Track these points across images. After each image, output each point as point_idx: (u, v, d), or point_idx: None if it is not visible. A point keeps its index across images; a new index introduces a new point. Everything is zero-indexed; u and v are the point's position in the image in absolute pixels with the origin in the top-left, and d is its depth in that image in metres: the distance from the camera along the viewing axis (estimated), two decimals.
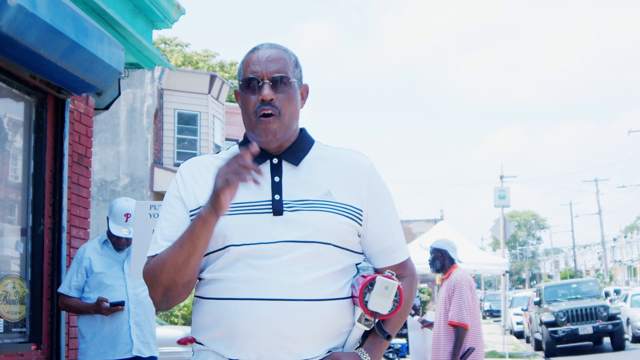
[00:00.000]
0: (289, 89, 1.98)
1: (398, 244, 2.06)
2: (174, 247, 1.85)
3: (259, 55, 2.00)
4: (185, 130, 20.03)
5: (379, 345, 1.95)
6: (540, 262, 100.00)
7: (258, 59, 1.99)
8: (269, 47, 2.02)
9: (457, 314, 5.72)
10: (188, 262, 1.84)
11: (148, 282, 1.94)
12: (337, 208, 1.94)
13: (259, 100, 1.95)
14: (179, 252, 1.84)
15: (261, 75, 1.96)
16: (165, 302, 1.92)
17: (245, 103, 1.99)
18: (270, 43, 2.05)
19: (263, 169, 1.97)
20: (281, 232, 1.89)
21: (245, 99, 1.99)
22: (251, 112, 1.97)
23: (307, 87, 2.11)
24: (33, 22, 4.21)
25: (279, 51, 2.02)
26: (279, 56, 2.00)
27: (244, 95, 1.99)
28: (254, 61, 1.99)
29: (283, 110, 1.96)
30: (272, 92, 1.95)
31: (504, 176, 27.80)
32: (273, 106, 1.95)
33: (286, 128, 1.97)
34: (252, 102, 1.96)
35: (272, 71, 1.96)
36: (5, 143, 5.18)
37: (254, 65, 1.98)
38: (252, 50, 2.03)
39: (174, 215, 1.98)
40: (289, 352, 1.85)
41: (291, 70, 2.00)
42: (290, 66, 2.00)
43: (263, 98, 1.94)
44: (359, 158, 2.06)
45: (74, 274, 4.86)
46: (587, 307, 17.28)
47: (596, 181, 58.38)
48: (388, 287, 1.85)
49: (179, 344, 11.03)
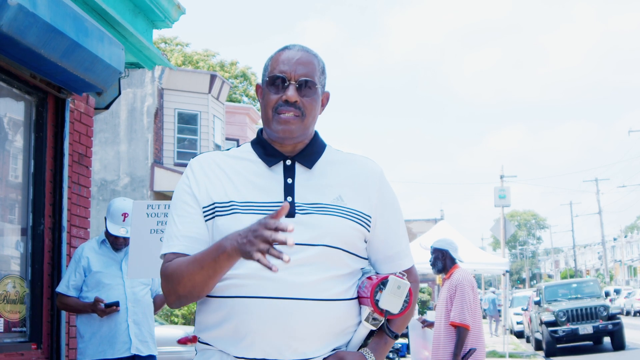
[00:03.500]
0: (313, 94, 1.99)
1: (404, 251, 2.09)
2: (194, 266, 1.84)
3: (289, 55, 2.00)
4: (185, 129, 20.02)
5: (384, 345, 1.97)
6: (541, 262, 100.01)
7: (288, 59, 1.99)
8: (300, 49, 2.03)
9: (459, 315, 5.71)
10: (206, 284, 1.85)
11: (164, 284, 1.95)
12: (347, 213, 1.95)
13: (281, 99, 1.96)
14: (199, 272, 1.83)
15: (289, 75, 1.97)
16: (178, 305, 1.95)
17: (267, 99, 1.99)
18: (302, 45, 2.06)
19: (276, 170, 1.98)
20: (292, 233, 1.89)
21: (267, 94, 2.00)
22: (271, 108, 1.98)
23: (328, 95, 2.12)
24: (33, 22, 4.21)
25: (309, 55, 2.03)
26: (308, 60, 2.01)
27: (267, 91, 2.00)
28: (283, 60, 2.00)
29: (306, 112, 1.97)
30: (297, 94, 1.96)
31: (504, 176, 27.80)
32: (297, 107, 1.96)
33: (304, 129, 1.99)
34: (274, 99, 1.98)
35: (300, 74, 1.97)
36: (6, 143, 5.18)
37: (283, 65, 1.99)
38: (283, 48, 2.04)
39: (186, 211, 1.97)
40: (295, 350, 1.86)
41: (317, 76, 2.01)
42: (317, 72, 2.02)
43: (287, 99, 1.95)
44: (370, 164, 2.08)
45: (72, 274, 4.86)
46: (587, 307, 17.28)
47: (596, 181, 58.42)
48: (400, 287, 1.88)
49: (179, 343, 11.02)
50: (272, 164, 1.98)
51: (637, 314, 36.67)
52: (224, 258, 1.77)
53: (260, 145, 2.03)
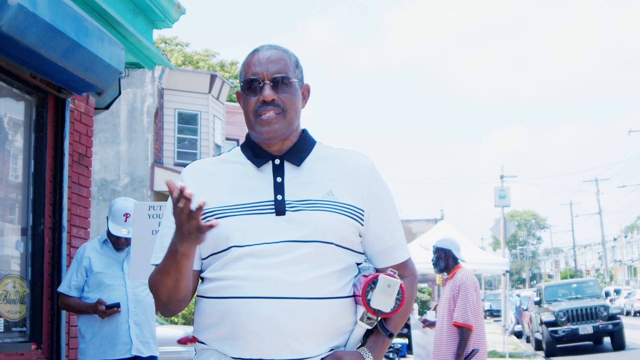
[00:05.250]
0: (290, 89, 2.00)
1: (399, 243, 2.08)
2: (162, 275, 1.91)
3: (259, 57, 2.02)
4: (185, 129, 20.03)
5: (381, 344, 1.96)
6: (541, 262, 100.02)
7: (259, 61, 2.01)
8: (269, 48, 2.05)
9: (462, 315, 5.70)
10: (178, 286, 1.91)
11: (152, 294, 2.01)
12: (339, 208, 1.95)
13: (259, 101, 1.98)
14: (168, 278, 1.90)
15: (262, 76, 1.99)
16: (168, 311, 2.00)
17: (246, 104, 2.01)
18: (270, 44, 2.07)
19: (265, 170, 2.00)
20: (284, 231, 1.90)
21: (246, 99, 2.02)
22: (251, 112, 2.00)
23: (309, 87, 2.13)
24: (33, 22, 4.21)
25: (279, 52, 2.04)
26: (279, 57, 2.02)
27: (245, 96, 2.02)
28: (254, 62, 2.02)
29: (286, 108, 1.98)
30: (273, 92, 1.97)
31: (504, 176, 27.80)
32: (275, 105, 1.97)
33: (288, 126, 2.00)
34: (252, 102, 1.99)
35: (272, 72, 1.99)
36: (6, 142, 5.18)
37: (255, 67, 2.00)
38: (253, 52, 2.06)
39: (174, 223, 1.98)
40: (291, 350, 1.86)
41: (292, 71, 2.02)
42: (290, 67, 2.03)
43: (264, 99, 1.96)
44: (360, 159, 2.08)
45: (74, 274, 4.86)
46: (588, 307, 17.27)
47: (596, 181, 58.43)
48: (390, 285, 1.87)
49: (179, 343, 11.02)
50: (261, 164, 2.00)
51: (637, 314, 36.67)
52: (180, 256, 1.83)
53: (249, 148, 2.05)
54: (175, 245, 1.81)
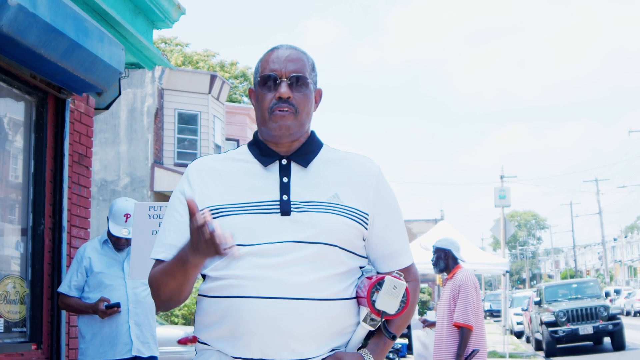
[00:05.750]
0: (306, 90, 2.01)
1: (403, 248, 2.08)
2: (167, 276, 1.91)
3: (278, 54, 2.03)
4: (185, 130, 20.02)
5: (383, 346, 1.96)
6: (541, 262, 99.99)
7: (277, 58, 2.02)
8: (289, 47, 2.06)
9: (463, 315, 5.69)
10: (181, 289, 1.93)
11: (151, 289, 2.01)
12: (343, 211, 1.95)
13: (275, 98, 1.98)
14: (172, 280, 1.90)
15: (280, 73, 1.99)
16: (165, 308, 2.01)
17: (261, 100, 2.01)
18: (289, 44, 2.08)
19: (272, 169, 2.00)
20: (288, 232, 1.90)
21: (261, 95, 2.01)
22: (266, 108, 1.99)
23: (321, 92, 2.13)
24: (33, 22, 4.21)
25: (298, 52, 2.05)
26: (297, 57, 2.03)
27: (261, 92, 2.02)
28: (273, 59, 2.02)
29: (299, 108, 1.98)
30: (289, 90, 1.98)
31: (504, 176, 27.80)
32: (290, 104, 1.97)
33: (300, 126, 2.00)
34: (268, 98, 1.99)
35: (290, 70, 1.99)
36: (6, 143, 5.17)
37: (273, 64, 2.01)
38: (272, 49, 2.06)
39: (176, 219, 2.00)
40: (292, 350, 1.86)
41: (308, 72, 2.03)
42: (307, 68, 2.04)
43: (280, 95, 1.97)
44: (367, 162, 2.08)
45: (74, 274, 4.86)
46: (588, 307, 17.27)
47: (596, 181, 58.43)
48: (396, 287, 1.87)
49: (179, 343, 11.01)
50: (267, 163, 2.00)
51: (637, 314, 36.67)
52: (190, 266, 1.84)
53: (256, 146, 2.05)
54: (187, 255, 1.81)
